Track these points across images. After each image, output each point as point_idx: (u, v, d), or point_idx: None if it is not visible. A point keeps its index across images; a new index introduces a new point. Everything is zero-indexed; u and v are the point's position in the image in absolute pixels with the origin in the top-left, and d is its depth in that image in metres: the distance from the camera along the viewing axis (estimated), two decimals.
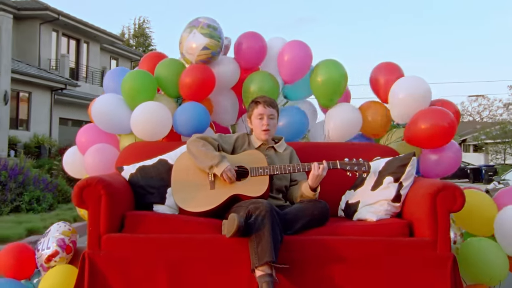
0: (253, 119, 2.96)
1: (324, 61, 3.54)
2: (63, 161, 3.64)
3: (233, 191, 2.73)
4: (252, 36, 3.55)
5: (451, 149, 3.33)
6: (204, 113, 3.37)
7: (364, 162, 2.78)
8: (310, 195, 2.77)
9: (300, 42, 3.54)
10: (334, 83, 3.46)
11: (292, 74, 3.52)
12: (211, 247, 2.50)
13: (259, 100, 2.97)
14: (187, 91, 3.36)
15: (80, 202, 2.53)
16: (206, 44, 3.25)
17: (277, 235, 2.41)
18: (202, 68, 3.34)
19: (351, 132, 3.53)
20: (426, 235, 2.53)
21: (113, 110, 3.35)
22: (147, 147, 3.21)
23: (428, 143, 3.26)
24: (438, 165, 3.31)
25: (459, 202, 2.53)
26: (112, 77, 3.58)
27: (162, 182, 2.87)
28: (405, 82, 3.37)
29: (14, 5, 18.67)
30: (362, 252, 2.50)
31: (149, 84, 3.36)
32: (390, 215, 2.73)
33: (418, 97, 3.29)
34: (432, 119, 3.18)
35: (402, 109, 3.35)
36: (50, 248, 2.82)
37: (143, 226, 2.59)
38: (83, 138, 3.48)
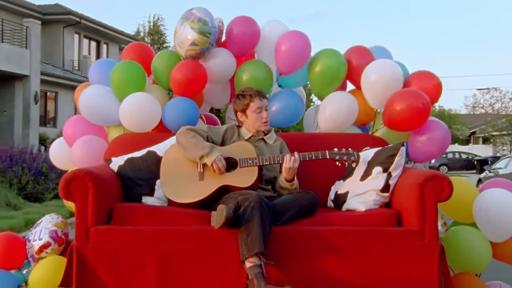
0: (250, 113, 2.96)
1: (323, 50, 3.50)
2: (49, 153, 3.63)
3: (222, 182, 2.75)
4: (244, 21, 3.42)
5: (439, 130, 3.30)
6: (193, 109, 3.35)
7: (353, 152, 2.81)
8: (287, 186, 2.81)
9: (299, 32, 3.45)
10: (333, 72, 3.42)
11: (290, 65, 3.44)
12: (199, 239, 2.53)
13: (252, 93, 2.96)
14: (178, 88, 3.33)
15: (67, 194, 2.54)
16: (194, 40, 3.16)
17: (266, 226, 2.44)
18: (193, 65, 3.28)
19: (348, 121, 3.48)
20: (414, 224, 2.58)
21: (101, 102, 3.33)
22: (136, 139, 3.21)
23: (405, 125, 3.26)
24: (426, 147, 3.30)
25: (447, 192, 2.57)
26: (98, 69, 3.55)
27: (151, 174, 2.88)
28: (375, 65, 3.37)
29: (39, 10, 20.05)
30: (350, 242, 2.54)
31: (138, 75, 3.34)
32: (379, 205, 2.77)
33: (389, 80, 3.28)
34: (407, 101, 3.18)
35: (375, 93, 3.35)
36: (42, 239, 2.85)
37: (132, 218, 2.61)
38: (69, 130, 3.46)
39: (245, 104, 2.98)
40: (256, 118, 2.96)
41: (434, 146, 3.30)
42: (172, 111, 3.33)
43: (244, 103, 2.98)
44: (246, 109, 2.98)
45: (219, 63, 3.37)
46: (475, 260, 2.85)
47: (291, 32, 3.47)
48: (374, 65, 3.36)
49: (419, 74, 3.44)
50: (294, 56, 3.41)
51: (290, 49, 3.39)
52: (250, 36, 3.42)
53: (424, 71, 3.46)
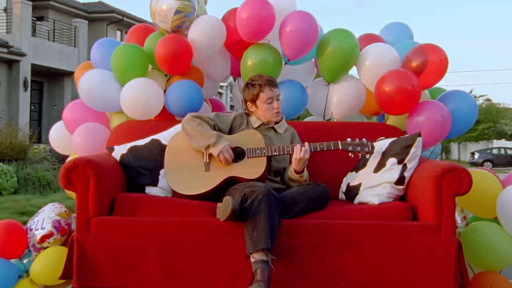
0: (260, 104, 2.88)
1: (333, 31, 3.35)
2: (49, 136, 3.59)
3: (229, 173, 2.69)
4: (258, 3, 3.19)
5: (438, 112, 3.15)
6: (196, 91, 3.27)
7: (367, 143, 2.72)
8: (297, 177, 2.74)
9: (304, 12, 3.25)
10: (345, 55, 3.28)
11: (296, 50, 3.25)
12: (204, 231, 2.48)
13: (262, 83, 2.87)
14: (163, 65, 3.21)
15: (67, 183, 2.50)
16: (178, 7, 3.07)
17: (274, 220, 2.37)
18: (174, 38, 3.16)
19: (354, 110, 3.41)
20: (430, 219, 2.50)
21: (102, 87, 3.25)
22: (139, 126, 3.16)
23: (395, 108, 3.17)
24: (424, 131, 3.05)
25: (466, 185, 2.49)
26: (99, 50, 3.44)
27: (154, 163, 2.83)
28: (371, 49, 3.29)
29: (85, 8, 21.49)
30: (362, 236, 2.47)
31: (140, 59, 3.26)
32: (393, 198, 2.70)
33: (384, 63, 3.19)
34: (395, 82, 3.08)
35: (371, 78, 3.26)
36: (44, 229, 2.81)
37: (134, 209, 2.56)
38: (69, 115, 3.40)
39: (255, 94, 2.88)
40: (267, 109, 2.88)
41: (432, 131, 3.14)
42: (174, 95, 3.24)
43: (253, 93, 2.89)
44: (256, 99, 2.89)
45: (206, 30, 3.22)
46: (497, 257, 2.76)
47: (296, 12, 3.27)
48: (368, 49, 3.29)
49: (425, 46, 3.26)
50: (299, 40, 3.20)
51: (295, 32, 3.18)
52: (265, 19, 3.19)
53: (430, 44, 3.29)
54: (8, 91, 17.19)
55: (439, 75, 3.20)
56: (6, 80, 17.17)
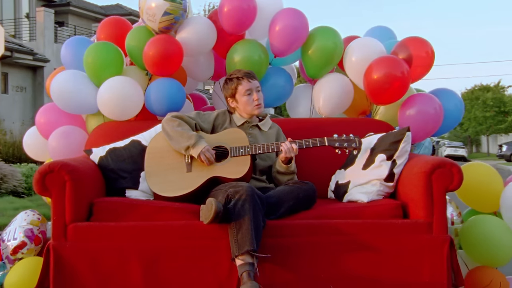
0: (239, 97, 2.84)
1: (318, 28, 3.35)
2: (23, 143, 3.49)
3: (211, 173, 2.63)
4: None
5: (429, 105, 3.11)
6: (178, 90, 3.18)
7: (354, 138, 2.68)
8: (284, 169, 2.71)
9: (295, 10, 3.26)
10: (329, 53, 3.28)
11: (285, 47, 3.25)
12: (188, 235, 2.42)
13: (239, 75, 2.85)
14: (152, 67, 3.14)
15: (42, 189, 2.42)
16: (167, 9, 2.99)
17: (259, 220, 2.32)
18: (166, 40, 3.08)
19: (342, 106, 3.37)
20: (421, 216, 2.47)
21: (75, 89, 3.15)
22: (119, 128, 3.08)
23: (384, 96, 3.12)
24: (416, 124, 3.07)
25: (457, 180, 2.46)
26: (69, 50, 3.35)
27: (135, 165, 2.76)
28: (357, 43, 3.27)
29: (102, 11, 22.15)
30: (351, 236, 2.43)
31: (114, 57, 3.17)
32: (382, 196, 2.66)
33: (370, 57, 3.14)
34: (384, 69, 3.03)
35: (358, 73, 3.22)
36: (16, 239, 2.73)
37: (114, 214, 2.49)
38: (42, 119, 3.30)
39: (233, 88, 2.85)
40: (247, 101, 2.83)
41: (423, 124, 3.11)
42: (155, 94, 3.16)
43: (232, 87, 2.86)
44: (235, 93, 2.85)
45: (196, 33, 3.16)
46: (498, 251, 2.72)
47: (287, 10, 3.29)
48: (354, 44, 3.26)
49: (411, 39, 3.25)
50: (289, 37, 3.22)
51: (285, 29, 3.20)
52: (246, 12, 3.19)
53: (417, 37, 3.27)
54: (33, 96, 18.48)
55: (426, 69, 3.17)
56: (31, 86, 18.56)
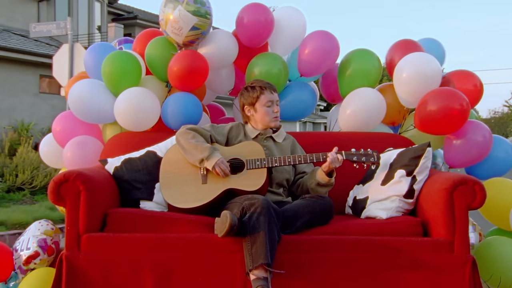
0: (259, 107, 2.86)
1: (356, 51, 3.40)
2: (39, 150, 3.53)
3: (227, 185, 2.63)
4: (256, 8, 3.25)
5: (477, 133, 3.05)
6: (195, 105, 3.21)
7: (372, 153, 2.66)
8: (326, 181, 2.69)
9: (327, 33, 3.32)
10: (365, 76, 3.31)
11: (314, 68, 3.32)
12: (202, 248, 2.41)
13: (262, 85, 2.88)
14: (176, 82, 3.18)
15: (57, 198, 2.45)
16: (195, 24, 3.03)
17: (274, 234, 2.31)
18: (193, 56, 3.11)
19: (372, 121, 3.29)
20: (442, 235, 2.43)
21: (93, 98, 3.20)
22: (135, 138, 3.12)
23: (439, 128, 3.06)
24: (462, 152, 3.07)
25: (479, 198, 2.42)
26: (92, 56, 3.39)
27: (150, 176, 2.78)
28: (411, 59, 3.16)
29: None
30: (369, 253, 2.40)
31: (132, 67, 3.21)
32: (402, 213, 2.62)
33: (423, 76, 3.07)
34: (443, 101, 2.95)
35: (407, 91, 3.16)
36: (30, 249, 2.76)
37: (127, 225, 2.51)
38: (58, 127, 3.35)
39: (255, 97, 2.87)
40: (266, 112, 2.85)
41: (471, 152, 3.07)
42: (172, 108, 3.19)
43: (253, 96, 2.88)
44: (255, 102, 2.87)
45: (219, 47, 3.21)
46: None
47: (318, 32, 3.36)
48: (408, 59, 3.17)
49: (458, 73, 3.29)
50: (319, 59, 3.30)
51: (316, 51, 3.28)
52: (263, 25, 3.24)
53: (464, 70, 3.31)
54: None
55: (474, 102, 3.20)
56: None
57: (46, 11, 18.93)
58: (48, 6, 18.97)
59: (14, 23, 17.73)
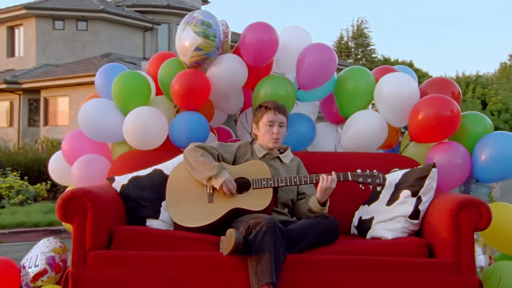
0: (261, 125, 2.91)
1: (351, 69, 3.46)
2: (48, 168, 3.59)
3: (233, 204, 2.66)
4: (260, 28, 3.26)
5: (458, 155, 3.09)
6: (202, 125, 3.25)
7: (378, 174, 2.69)
8: (318, 210, 2.69)
9: (324, 45, 3.36)
10: (361, 93, 3.36)
11: (311, 80, 3.33)
12: (207, 266, 2.44)
13: (269, 106, 2.91)
14: (178, 100, 3.24)
15: (64, 215, 2.48)
16: (199, 44, 3.08)
17: (279, 253, 2.33)
18: (193, 74, 3.17)
19: (374, 143, 3.34)
20: (448, 256, 2.44)
21: (102, 117, 3.25)
22: (142, 157, 3.16)
23: (432, 135, 3.10)
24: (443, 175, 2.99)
25: (485, 219, 2.44)
26: (102, 77, 3.45)
27: (156, 195, 2.81)
28: (390, 78, 3.27)
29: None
30: (373, 273, 2.41)
31: (141, 87, 3.27)
32: (407, 233, 2.64)
33: (403, 92, 3.16)
34: (434, 108, 3.01)
35: (390, 108, 3.23)
36: (38, 266, 2.79)
37: (133, 243, 2.53)
38: (66, 146, 3.40)
39: (259, 115, 2.93)
40: (266, 131, 2.89)
41: (452, 175, 3.06)
42: (178, 127, 3.23)
43: (258, 115, 2.94)
44: (259, 121, 2.93)
45: (227, 71, 3.23)
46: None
47: (315, 45, 3.38)
48: (386, 80, 3.27)
49: (435, 81, 3.32)
50: (316, 71, 3.30)
51: (313, 64, 3.29)
52: (268, 45, 3.26)
53: (441, 78, 3.36)
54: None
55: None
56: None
57: (150, 40, 21.00)
58: (152, 36, 21.11)
59: (124, 51, 19.82)
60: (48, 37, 19.83)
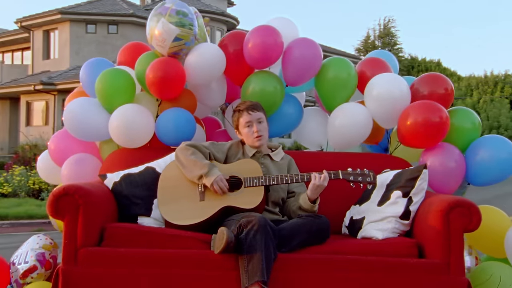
0: (241, 129, 2.91)
1: (332, 59, 3.39)
2: (37, 166, 3.56)
3: (224, 203, 2.67)
4: (265, 31, 3.20)
5: (452, 157, 3.07)
6: (187, 121, 3.21)
7: (369, 173, 2.71)
8: (309, 207, 2.70)
9: (309, 40, 3.30)
10: (342, 83, 3.31)
11: (297, 77, 3.29)
12: (198, 264, 2.44)
13: (241, 108, 2.91)
14: (153, 89, 3.16)
15: (55, 212, 2.47)
16: (178, 34, 3.05)
17: (270, 252, 2.34)
18: (167, 62, 3.11)
19: (360, 136, 3.30)
20: (438, 257, 2.46)
21: (87, 116, 3.21)
22: (135, 154, 3.15)
23: (419, 141, 3.10)
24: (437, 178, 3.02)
25: (475, 221, 2.46)
26: (87, 71, 3.40)
27: (148, 192, 2.81)
28: (380, 79, 3.23)
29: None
30: (364, 273, 2.42)
31: (125, 84, 3.22)
32: (398, 234, 2.66)
33: (392, 95, 3.13)
34: (423, 114, 3.00)
35: (380, 109, 3.22)
36: (28, 263, 2.78)
37: (125, 240, 2.53)
38: (52, 145, 3.36)
39: (236, 120, 2.95)
40: (247, 133, 2.89)
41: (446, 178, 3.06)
42: (164, 126, 3.19)
43: (235, 120, 2.96)
44: (238, 125, 2.94)
45: (205, 58, 3.16)
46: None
47: (300, 39, 3.32)
48: (376, 80, 3.23)
49: (428, 77, 3.30)
50: (303, 67, 3.25)
51: (299, 59, 3.23)
52: (273, 48, 3.21)
53: (434, 74, 3.32)
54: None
55: (445, 104, 3.17)
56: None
57: None
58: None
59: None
60: (81, 40, 20.79)
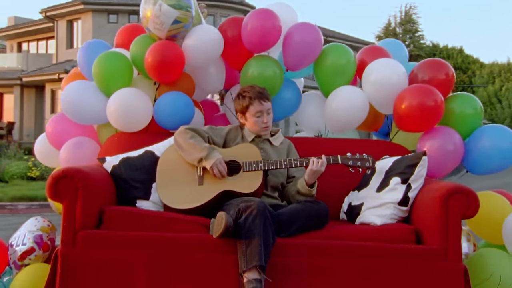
0: (249, 116, 2.87)
1: (331, 46, 3.38)
2: (34, 149, 3.55)
3: (223, 187, 2.67)
4: (263, 15, 3.18)
5: (451, 141, 3.05)
6: (186, 105, 3.18)
7: (368, 157, 2.71)
8: (306, 191, 2.71)
9: (309, 24, 3.27)
10: (340, 70, 3.30)
11: (297, 62, 3.27)
12: (197, 248, 2.44)
13: (252, 96, 2.86)
14: (152, 73, 3.13)
15: (54, 194, 2.47)
16: (177, 17, 3.01)
17: (268, 237, 2.35)
18: (166, 46, 3.08)
19: (357, 119, 3.29)
20: (435, 243, 2.47)
21: (84, 100, 3.17)
22: (134, 138, 3.13)
23: (415, 125, 3.09)
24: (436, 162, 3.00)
25: (473, 207, 2.46)
26: (84, 53, 3.36)
27: (147, 176, 2.80)
28: (377, 64, 3.22)
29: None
30: (362, 258, 2.43)
31: (123, 68, 3.19)
32: (396, 220, 2.66)
33: (389, 80, 3.12)
34: (417, 98, 2.99)
35: (376, 94, 3.21)
36: (25, 245, 2.78)
37: (123, 223, 2.53)
38: (50, 128, 3.35)
39: (245, 106, 2.88)
40: (255, 122, 2.87)
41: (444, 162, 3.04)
42: (162, 110, 3.17)
43: (243, 105, 2.89)
44: (246, 111, 2.89)
45: (202, 41, 3.13)
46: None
47: (301, 24, 3.29)
48: (374, 65, 3.22)
49: (429, 63, 3.27)
50: (303, 51, 3.24)
51: (299, 44, 3.21)
52: (271, 31, 3.18)
53: (435, 59, 3.30)
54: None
55: (446, 90, 3.16)
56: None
57: None
58: None
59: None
60: (103, 30, 21.02)
